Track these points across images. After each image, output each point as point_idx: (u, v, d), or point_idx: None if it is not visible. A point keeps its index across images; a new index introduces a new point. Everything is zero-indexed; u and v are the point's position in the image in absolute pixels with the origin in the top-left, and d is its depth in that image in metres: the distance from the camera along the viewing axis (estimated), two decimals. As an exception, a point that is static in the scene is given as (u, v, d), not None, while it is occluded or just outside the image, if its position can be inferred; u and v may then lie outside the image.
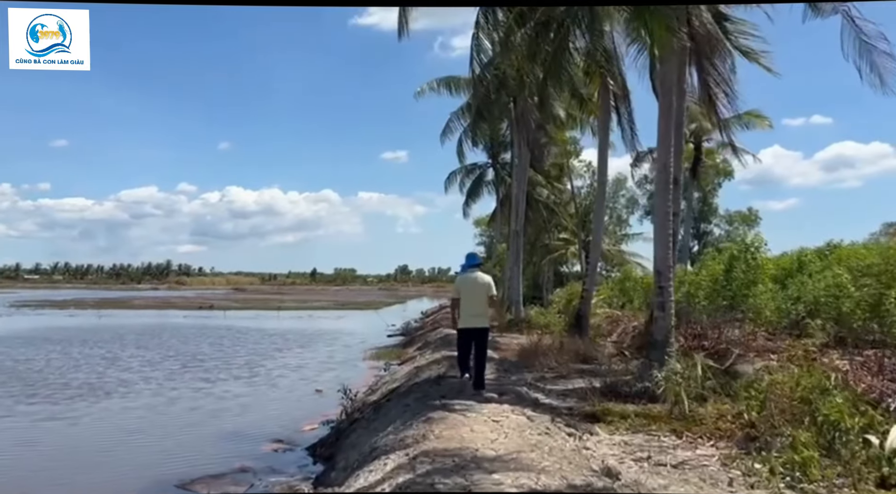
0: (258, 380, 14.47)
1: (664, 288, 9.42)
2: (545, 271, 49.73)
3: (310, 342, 24.06)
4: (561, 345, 12.54)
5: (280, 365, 17.00)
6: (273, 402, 11.95)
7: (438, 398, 7.40)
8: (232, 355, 18.91)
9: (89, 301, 55.19)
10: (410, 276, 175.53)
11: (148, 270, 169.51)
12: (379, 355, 18.33)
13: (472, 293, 7.74)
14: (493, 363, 11.19)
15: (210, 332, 27.37)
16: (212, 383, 13.87)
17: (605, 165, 16.85)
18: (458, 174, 39.21)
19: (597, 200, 17.12)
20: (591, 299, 17.18)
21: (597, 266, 17.18)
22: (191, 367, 16.03)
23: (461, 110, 27.57)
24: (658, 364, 9.09)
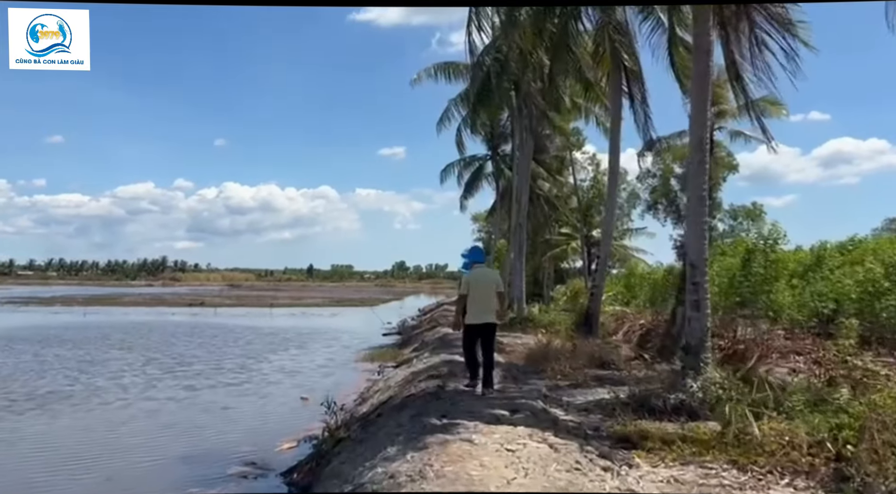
0: (244, 387, 13.09)
1: (699, 284, 8.14)
2: (546, 268, 48.51)
3: (300, 341, 22.75)
4: (574, 348, 11.26)
5: (264, 369, 15.69)
6: (253, 413, 10.61)
7: (438, 416, 6.12)
8: (219, 357, 17.59)
9: (78, 298, 53.74)
10: (408, 273, 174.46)
11: (143, 266, 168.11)
12: (373, 356, 17.05)
13: (483, 289, 7.60)
14: (499, 368, 9.92)
15: (198, 331, 26.05)
16: (196, 391, 12.45)
17: (616, 151, 15.59)
18: (456, 166, 37.84)
19: (608, 189, 15.84)
20: (601, 296, 15.95)
21: (607, 261, 15.89)
22: (176, 372, 14.62)
23: (460, 98, 26.22)
24: (693, 373, 7.84)
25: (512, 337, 18.03)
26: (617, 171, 15.74)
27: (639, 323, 24.61)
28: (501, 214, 41.17)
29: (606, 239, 15.72)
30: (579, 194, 40.09)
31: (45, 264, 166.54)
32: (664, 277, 24.20)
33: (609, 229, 15.89)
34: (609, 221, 16.03)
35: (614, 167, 15.62)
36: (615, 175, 15.68)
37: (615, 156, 15.62)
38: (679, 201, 48.77)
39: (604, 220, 16.87)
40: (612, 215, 16.10)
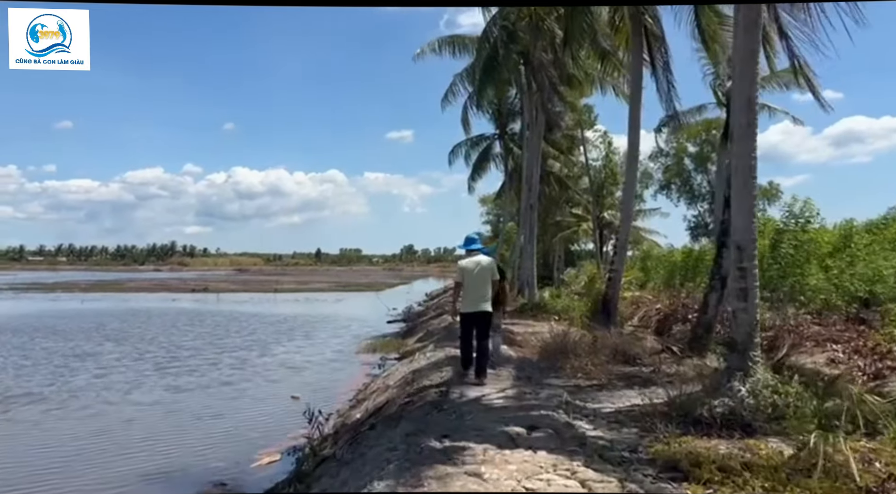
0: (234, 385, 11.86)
1: (747, 271, 6.90)
2: (556, 250, 47.25)
3: (300, 330, 21.69)
4: (594, 340, 10.06)
5: (257, 362, 14.61)
6: (238, 416, 9.46)
7: (439, 435, 4.96)
8: (213, 349, 16.49)
9: (81, 284, 53.01)
10: (416, 256, 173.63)
11: (152, 251, 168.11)
12: (375, 346, 15.95)
13: (476, 278, 7.48)
14: (512, 365, 8.77)
15: (195, 319, 25.06)
16: (180, 392, 11.21)
17: (636, 123, 14.24)
18: (464, 147, 36.47)
19: (627, 164, 14.55)
20: (620, 281, 14.73)
21: (626, 243, 14.66)
22: (167, 368, 13.42)
23: (465, 73, 24.79)
24: (741, 374, 6.65)
25: (523, 325, 16.88)
26: (637, 143, 14.41)
27: (655, 308, 23.41)
28: (510, 196, 39.83)
29: (626, 219, 14.46)
30: (591, 173, 38.68)
31: (55, 249, 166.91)
32: (684, 259, 22.92)
33: (629, 208, 14.63)
34: (628, 199, 14.74)
35: (634, 140, 14.29)
36: (635, 148, 14.36)
37: (635, 128, 14.28)
38: (693, 181, 47.43)
39: (622, 198, 15.59)
40: (631, 192, 14.82)
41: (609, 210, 43.39)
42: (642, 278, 23.81)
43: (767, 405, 6.19)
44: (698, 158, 46.22)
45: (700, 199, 48.24)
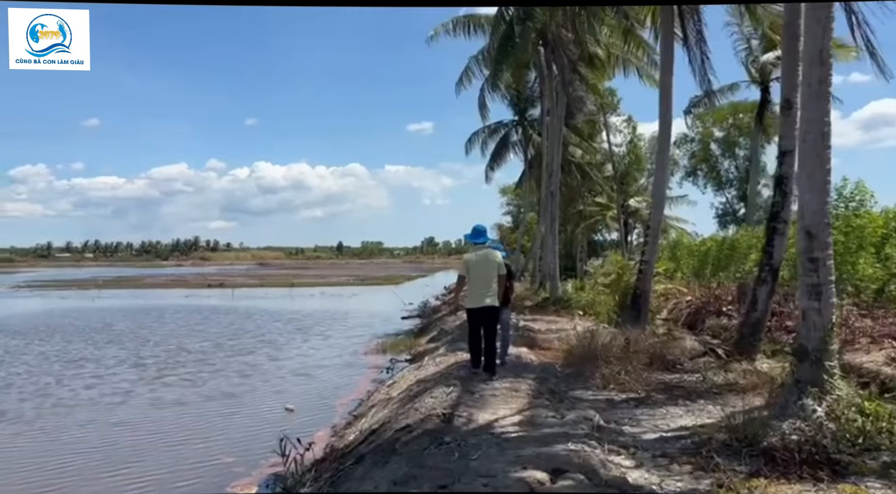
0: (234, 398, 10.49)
1: (819, 263, 5.62)
2: (579, 240, 45.75)
3: (309, 328, 20.66)
4: (626, 343, 8.80)
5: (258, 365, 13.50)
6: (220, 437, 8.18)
7: (435, 486, 3.77)
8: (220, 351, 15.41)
9: (99, 281, 52.75)
10: (437, 248, 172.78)
11: (176, 246, 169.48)
12: (385, 346, 14.82)
13: (482, 272, 7.25)
14: (531, 374, 7.56)
15: (207, 317, 24.18)
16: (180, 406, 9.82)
17: (668, 100, 12.86)
18: (481, 135, 35.12)
19: (659, 145, 13.19)
20: (651, 273, 13.40)
21: (658, 232, 13.33)
22: (164, 377, 12.15)
23: (481, 55, 23.44)
24: (816, 390, 5.38)
25: (545, 322, 15.66)
26: (669, 120, 13.04)
27: (686, 300, 21.97)
28: (530, 185, 38.44)
29: (658, 204, 13.09)
30: (615, 159, 37.08)
31: (82, 246, 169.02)
32: (718, 248, 21.44)
33: (661, 192, 13.24)
34: (660, 181, 13.36)
35: (666, 117, 12.91)
36: (667, 127, 12.99)
37: (666, 105, 12.90)
38: (720, 167, 45.57)
39: (654, 180, 14.21)
40: (664, 175, 13.44)
41: (634, 198, 41.83)
42: (673, 268, 22.35)
43: (853, 431, 4.92)
44: (725, 142, 44.42)
45: (728, 185, 46.43)
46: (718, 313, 20.98)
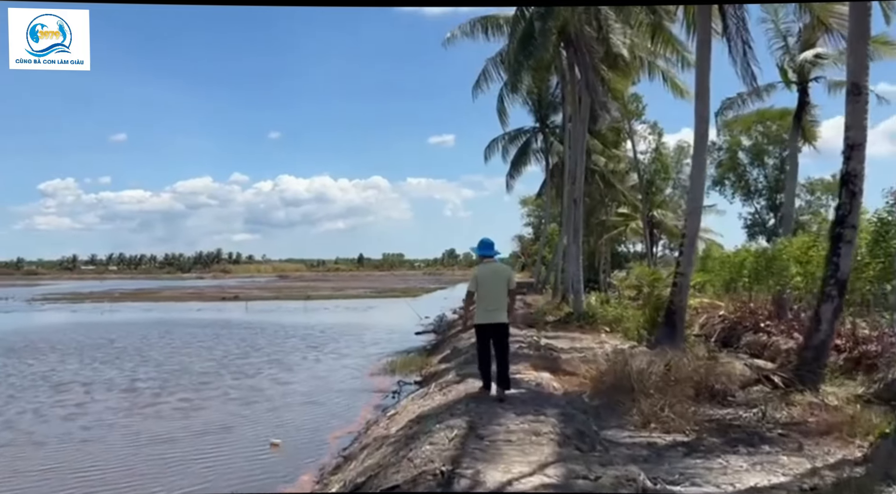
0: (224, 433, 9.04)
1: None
2: (602, 252, 44.31)
3: (318, 344, 19.52)
4: (667, 369, 7.50)
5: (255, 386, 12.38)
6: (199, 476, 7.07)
7: None
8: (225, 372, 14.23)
9: (115, 293, 52.34)
10: (458, 260, 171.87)
11: (199, 259, 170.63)
12: (394, 366, 13.61)
13: (492, 286, 7.01)
14: (555, 409, 6.32)
15: (216, 332, 23.20)
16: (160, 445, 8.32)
17: (705, 96, 11.60)
18: (501, 142, 34.01)
19: (695, 147, 11.89)
20: (687, 287, 12.09)
21: (695, 243, 12.01)
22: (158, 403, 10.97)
23: (500, 57, 22.33)
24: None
25: (569, 339, 14.36)
26: (707, 118, 11.73)
27: (718, 315, 20.49)
28: (551, 195, 37.21)
29: (694, 211, 11.80)
30: (640, 168, 35.65)
31: (106, 258, 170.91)
32: (755, 259, 19.94)
33: (697, 198, 11.92)
34: (697, 186, 12.04)
35: (703, 114, 11.61)
36: (704, 124, 11.67)
37: (703, 101, 11.61)
38: (749, 176, 43.91)
39: (690, 185, 12.88)
40: (700, 178, 12.10)
41: (659, 208, 40.37)
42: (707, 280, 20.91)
43: None
44: (753, 151, 42.81)
45: (756, 195, 44.76)
46: (756, 329, 19.46)
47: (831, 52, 19.05)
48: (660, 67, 21.47)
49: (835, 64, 19.58)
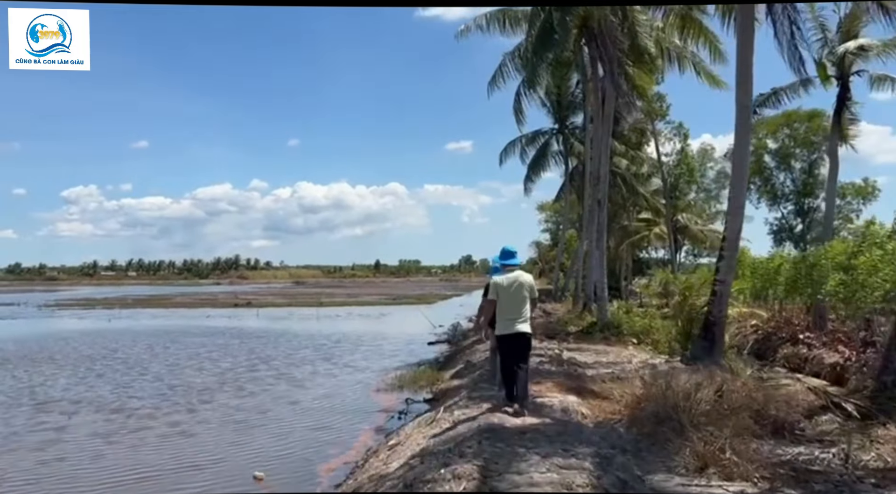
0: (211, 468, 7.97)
1: None
2: (623, 258, 42.92)
3: (325, 354, 18.44)
4: (719, 394, 6.30)
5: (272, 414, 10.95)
6: None
7: None
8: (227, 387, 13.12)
9: (128, 299, 51.84)
10: (474, 266, 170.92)
11: (217, 265, 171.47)
12: (402, 381, 12.46)
13: (513, 295, 6.60)
14: (588, 445, 5.16)
15: (225, 341, 22.23)
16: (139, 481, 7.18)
17: (747, 83, 10.38)
18: (518, 144, 32.79)
19: (736, 140, 10.62)
20: (727, 296, 10.86)
21: (737, 247, 10.75)
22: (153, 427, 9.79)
23: (517, 51, 21.18)
24: None
25: (594, 353, 13.14)
26: (749, 106, 10.53)
27: (751, 324, 19.18)
28: (571, 199, 35.95)
29: (735, 213, 10.53)
30: (664, 170, 34.24)
31: (126, 264, 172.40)
32: (794, 266, 18.57)
33: (740, 194, 10.64)
34: (739, 180, 10.76)
35: (744, 102, 10.39)
36: (746, 114, 10.45)
37: (745, 88, 10.38)
38: (775, 180, 42.28)
39: (731, 181, 11.58)
40: (743, 173, 10.83)
41: (683, 213, 38.94)
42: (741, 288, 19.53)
43: None
44: (780, 154, 41.26)
45: (783, 199, 43.19)
46: (794, 340, 18.05)
47: (876, 43, 17.72)
48: (689, 59, 20.21)
49: (879, 56, 18.22)
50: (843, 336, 16.51)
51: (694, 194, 44.32)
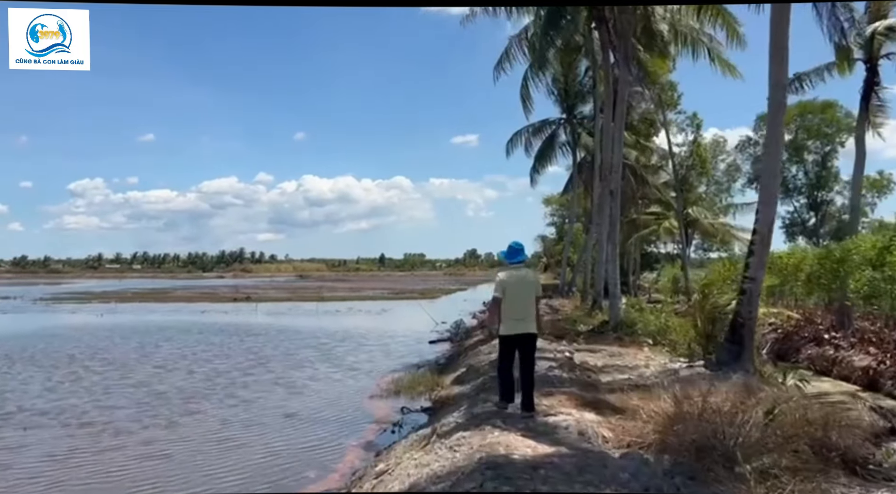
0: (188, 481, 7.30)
1: None
2: (631, 252, 41.86)
3: (321, 353, 17.49)
4: (769, 418, 5.25)
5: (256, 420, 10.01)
6: None
7: None
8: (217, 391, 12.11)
9: (126, 293, 51.00)
10: (479, 260, 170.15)
11: (221, 258, 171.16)
12: (399, 386, 11.44)
13: (519, 293, 6.44)
14: (613, 482, 4.12)
15: (217, 339, 21.29)
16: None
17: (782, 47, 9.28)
18: (524, 134, 31.70)
19: (769, 118, 9.55)
20: (758, 295, 9.78)
21: (770, 240, 9.66)
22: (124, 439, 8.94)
23: (524, 33, 20.11)
24: None
25: (607, 355, 12.11)
26: (784, 84, 9.44)
27: (769, 323, 18.10)
28: (578, 191, 34.86)
29: (768, 202, 9.46)
30: (675, 161, 33.05)
31: (131, 257, 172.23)
32: (819, 261, 17.51)
33: (772, 184, 9.58)
34: (772, 164, 9.68)
35: (779, 79, 9.29)
36: (781, 92, 9.36)
37: (779, 61, 9.28)
38: (788, 172, 41.03)
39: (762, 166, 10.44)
40: (776, 156, 9.75)
41: (694, 206, 37.81)
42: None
43: None
44: (793, 146, 40.04)
45: (795, 193, 42.06)
46: (818, 340, 16.92)
47: (905, 24, 16.56)
48: (704, 44, 19.06)
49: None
50: (873, 337, 15.43)
51: (705, 187, 43.22)
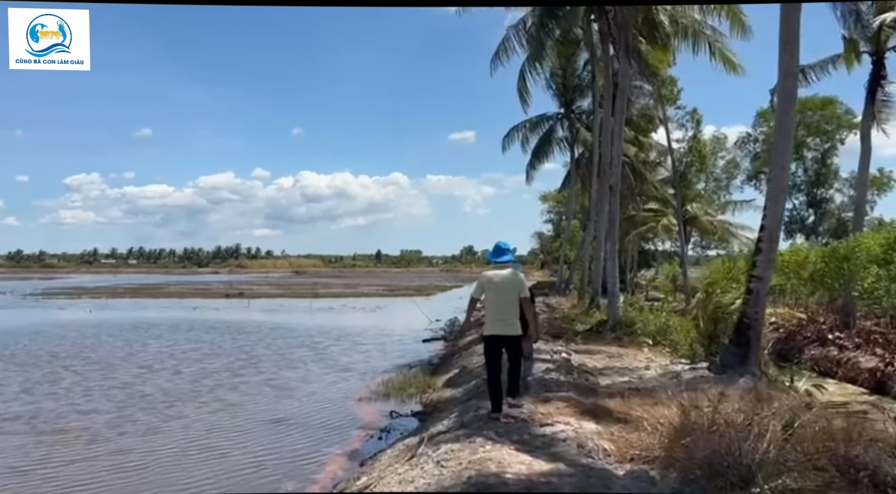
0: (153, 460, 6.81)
1: None
2: (629, 250, 41.48)
3: (312, 352, 16.98)
4: (787, 432, 4.76)
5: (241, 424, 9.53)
6: None
7: None
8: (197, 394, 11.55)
9: (118, 289, 50.38)
10: (476, 257, 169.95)
11: (217, 253, 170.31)
12: (389, 388, 10.96)
13: (501, 294, 6.35)
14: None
15: (207, 335, 20.79)
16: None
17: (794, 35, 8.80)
18: (521, 130, 31.21)
19: (779, 108, 9.08)
20: (765, 294, 9.33)
21: (778, 237, 9.19)
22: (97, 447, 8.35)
23: (522, 24, 19.60)
24: None
25: (606, 357, 11.65)
26: (795, 73, 8.98)
27: (770, 322, 17.69)
28: (576, 188, 34.43)
29: (776, 198, 8.99)
30: (675, 158, 32.60)
31: (127, 252, 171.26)
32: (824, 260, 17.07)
33: (781, 177, 9.11)
34: (780, 162, 9.20)
35: (789, 67, 8.81)
36: (792, 81, 8.88)
37: (791, 50, 8.81)
38: (786, 169, 40.65)
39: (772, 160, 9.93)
40: (785, 150, 9.26)
41: (693, 203, 37.41)
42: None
43: None
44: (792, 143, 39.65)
45: (794, 190, 41.76)
46: (822, 340, 16.51)
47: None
48: (706, 37, 18.60)
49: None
50: (879, 337, 15.01)
51: (703, 184, 42.85)
